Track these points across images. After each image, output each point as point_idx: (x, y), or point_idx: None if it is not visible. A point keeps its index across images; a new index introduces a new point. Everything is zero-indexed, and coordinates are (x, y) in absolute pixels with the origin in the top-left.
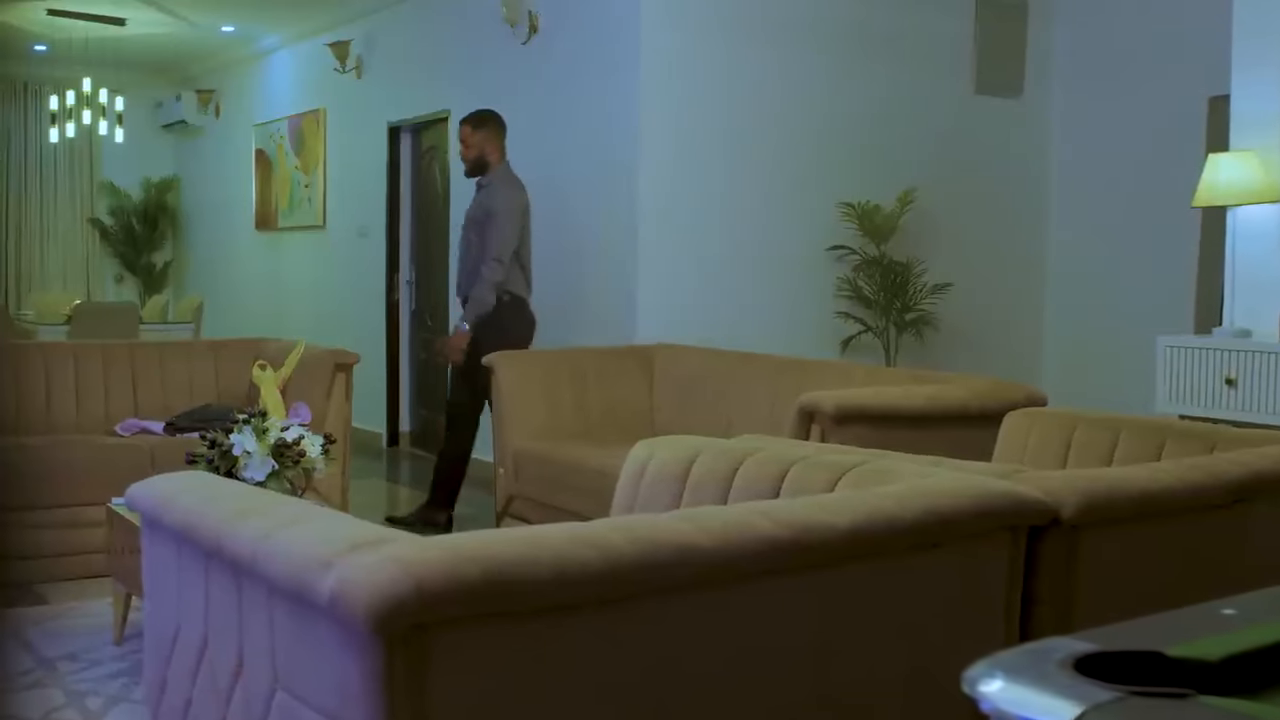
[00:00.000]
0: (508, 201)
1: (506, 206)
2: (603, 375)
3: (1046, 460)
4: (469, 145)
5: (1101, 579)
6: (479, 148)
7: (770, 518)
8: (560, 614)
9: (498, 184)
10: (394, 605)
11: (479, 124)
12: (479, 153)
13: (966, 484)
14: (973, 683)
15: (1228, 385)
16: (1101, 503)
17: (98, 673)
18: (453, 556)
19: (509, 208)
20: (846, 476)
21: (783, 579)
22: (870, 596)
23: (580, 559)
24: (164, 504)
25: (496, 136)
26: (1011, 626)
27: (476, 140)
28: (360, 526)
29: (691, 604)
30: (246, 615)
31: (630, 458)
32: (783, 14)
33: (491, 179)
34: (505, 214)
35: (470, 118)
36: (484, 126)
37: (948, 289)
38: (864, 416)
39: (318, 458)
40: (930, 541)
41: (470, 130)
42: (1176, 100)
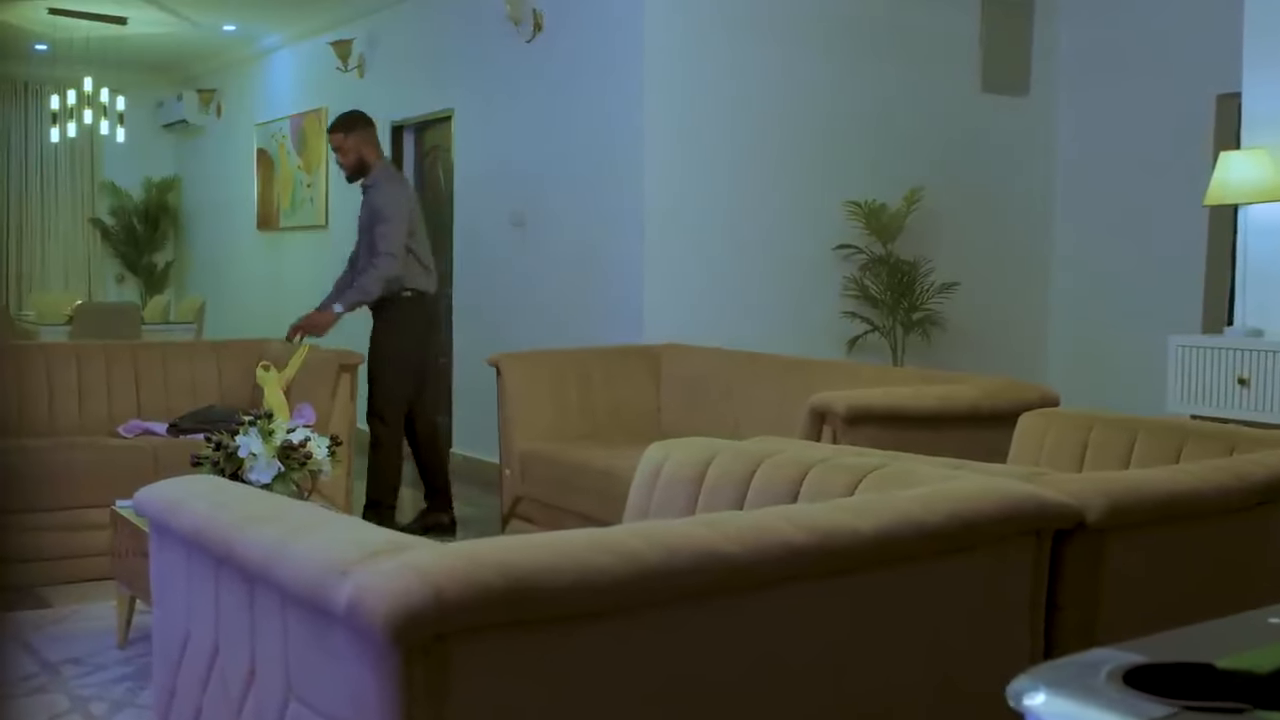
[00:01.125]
0: (393, 199)
1: (393, 203)
2: (609, 376)
3: (1063, 462)
4: (344, 151)
5: (1125, 583)
6: (355, 151)
7: (794, 522)
8: (581, 622)
9: (381, 182)
10: (413, 614)
11: (349, 128)
12: (356, 156)
13: (991, 487)
14: (1016, 696)
15: (1240, 385)
16: (1127, 505)
17: (102, 677)
18: (472, 564)
19: (395, 204)
20: (867, 479)
21: (806, 585)
22: (894, 602)
23: (601, 565)
24: (172, 509)
25: (370, 137)
26: (1036, 632)
27: (351, 144)
28: (376, 533)
29: (714, 611)
30: (259, 623)
31: (644, 459)
32: (788, 12)
33: (374, 179)
34: (392, 211)
35: (339, 123)
36: (355, 129)
37: (955, 288)
38: (876, 417)
39: (324, 460)
40: (955, 546)
41: (343, 136)
42: (1183, 98)
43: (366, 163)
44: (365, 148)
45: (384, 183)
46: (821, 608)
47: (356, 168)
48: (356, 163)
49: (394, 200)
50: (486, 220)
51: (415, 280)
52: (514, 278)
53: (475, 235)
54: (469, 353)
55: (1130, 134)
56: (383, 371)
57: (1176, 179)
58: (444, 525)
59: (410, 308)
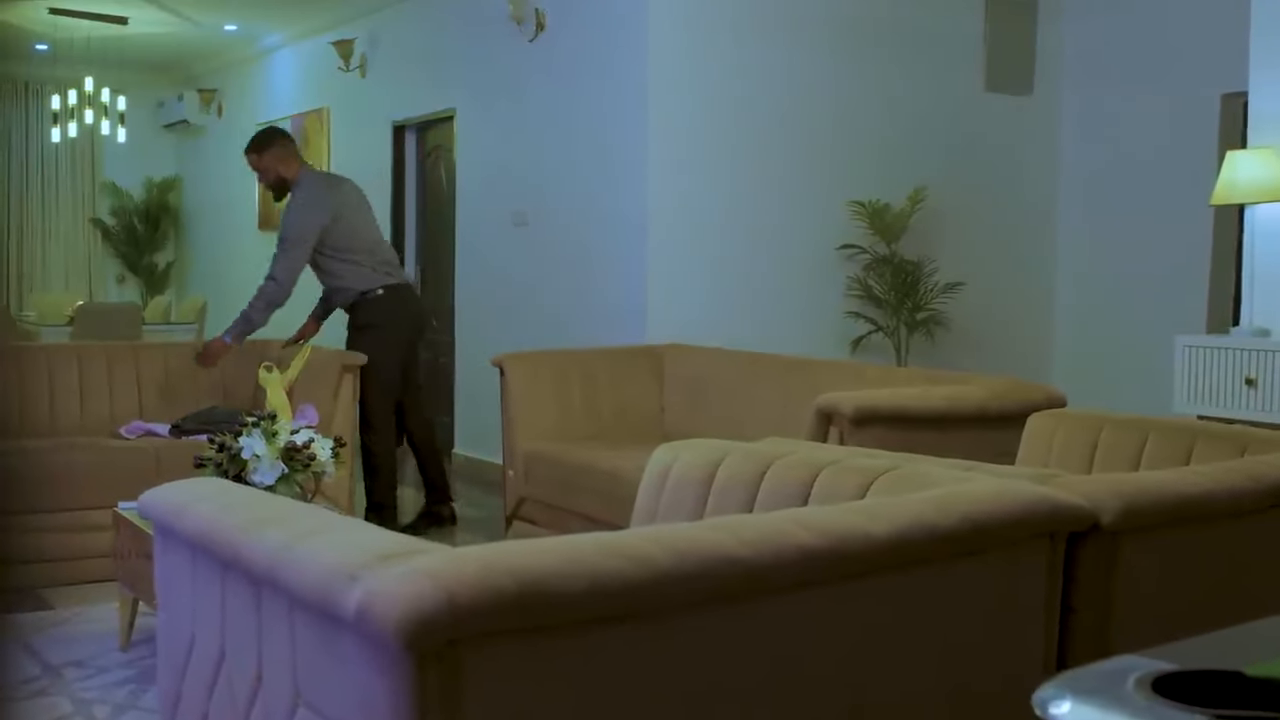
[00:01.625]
0: (300, 219)
1: (298, 225)
2: (612, 376)
3: (1073, 463)
4: (262, 171)
5: (1139, 586)
6: (272, 170)
7: (807, 526)
8: (594, 627)
9: (291, 205)
10: (425, 620)
11: (260, 148)
12: (275, 175)
13: (1005, 490)
14: (1042, 705)
15: (1248, 385)
16: (1141, 507)
17: (104, 680)
18: (485, 568)
19: (300, 226)
20: (879, 481)
21: (820, 589)
22: (907, 606)
23: (614, 570)
24: (178, 512)
25: (285, 152)
26: (1050, 636)
27: (266, 164)
28: (386, 536)
29: (727, 616)
30: (266, 628)
31: (652, 461)
32: (792, 11)
33: (294, 193)
34: (295, 233)
35: (251, 145)
36: (268, 147)
37: (959, 288)
38: (883, 418)
39: (328, 461)
40: (968, 549)
41: (256, 157)
42: (1188, 97)
43: (286, 179)
44: (281, 164)
45: (298, 199)
46: (835, 612)
47: (278, 186)
48: (276, 181)
49: (300, 220)
50: (488, 220)
51: (379, 280)
52: (516, 278)
53: (477, 235)
54: (470, 353)
55: (1135, 133)
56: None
57: (1181, 179)
58: (444, 517)
59: (382, 306)
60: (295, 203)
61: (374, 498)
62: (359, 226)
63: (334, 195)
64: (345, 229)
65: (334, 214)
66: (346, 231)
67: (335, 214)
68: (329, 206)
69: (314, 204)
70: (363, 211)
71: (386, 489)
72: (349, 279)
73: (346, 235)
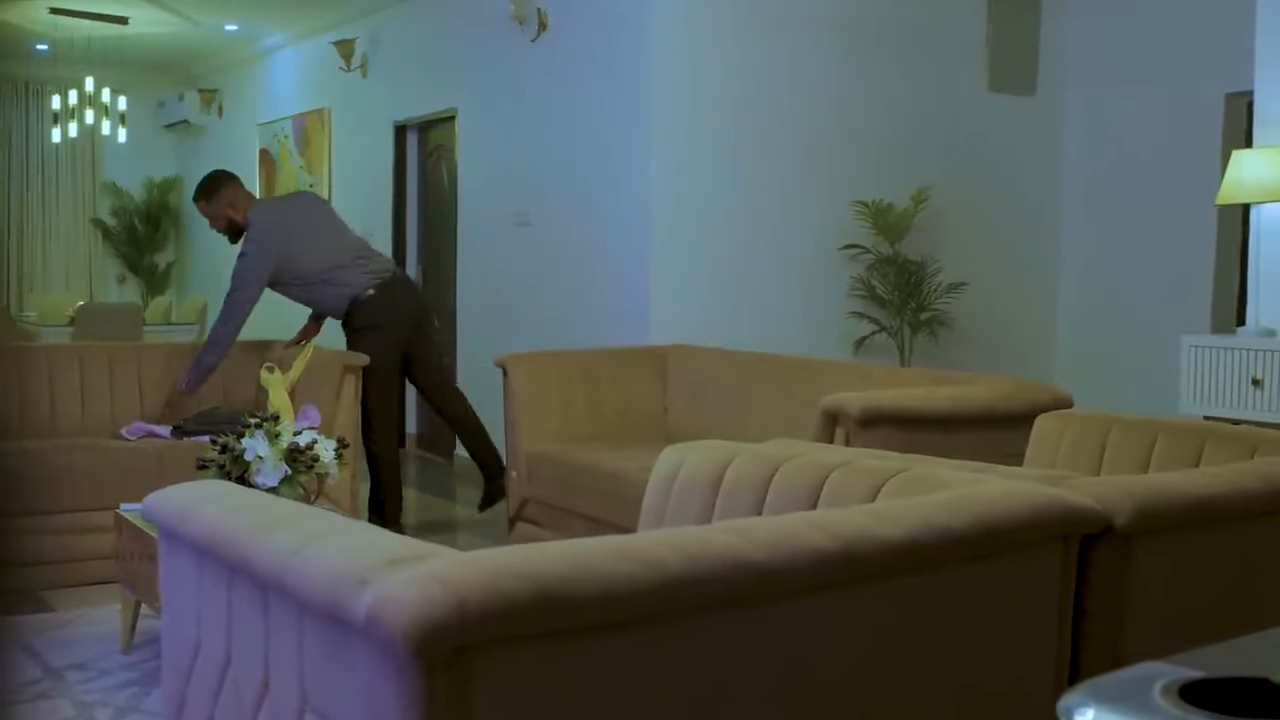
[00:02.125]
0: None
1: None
2: (615, 377)
3: (1081, 464)
4: (213, 218)
5: (1152, 589)
6: (222, 216)
7: (820, 529)
8: (605, 632)
9: (242, 250)
10: (435, 626)
11: (209, 194)
12: (225, 220)
13: (1018, 492)
14: (1066, 713)
15: (1254, 386)
16: (1154, 509)
17: (107, 682)
18: (495, 573)
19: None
20: (889, 484)
21: (833, 592)
22: (920, 609)
23: (626, 574)
24: (183, 515)
25: (232, 194)
26: (1063, 640)
27: (216, 210)
28: (396, 541)
29: (739, 619)
30: (273, 633)
31: (659, 462)
32: (794, 10)
33: (248, 235)
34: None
35: (199, 193)
36: (215, 193)
37: (962, 288)
38: (889, 418)
39: (331, 463)
40: (981, 552)
41: (206, 204)
42: (1191, 97)
43: (237, 222)
44: (230, 208)
45: (247, 240)
46: (847, 615)
47: (231, 229)
48: (228, 225)
49: (248, 265)
50: (490, 220)
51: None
52: (517, 278)
53: (479, 236)
54: (472, 353)
55: (1137, 133)
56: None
57: (1185, 178)
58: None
59: (377, 306)
60: (245, 245)
61: (375, 497)
62: (319, 246)
63: (285, 230)
64: (305, 257)
65: (283, 249)
66: (307, 259)
67: (284, 249)
68: (278, 243)
69: (263, 244)
70: (322, 226)
71: (390, 491)
72: (328, 298)
73: (307, 262)
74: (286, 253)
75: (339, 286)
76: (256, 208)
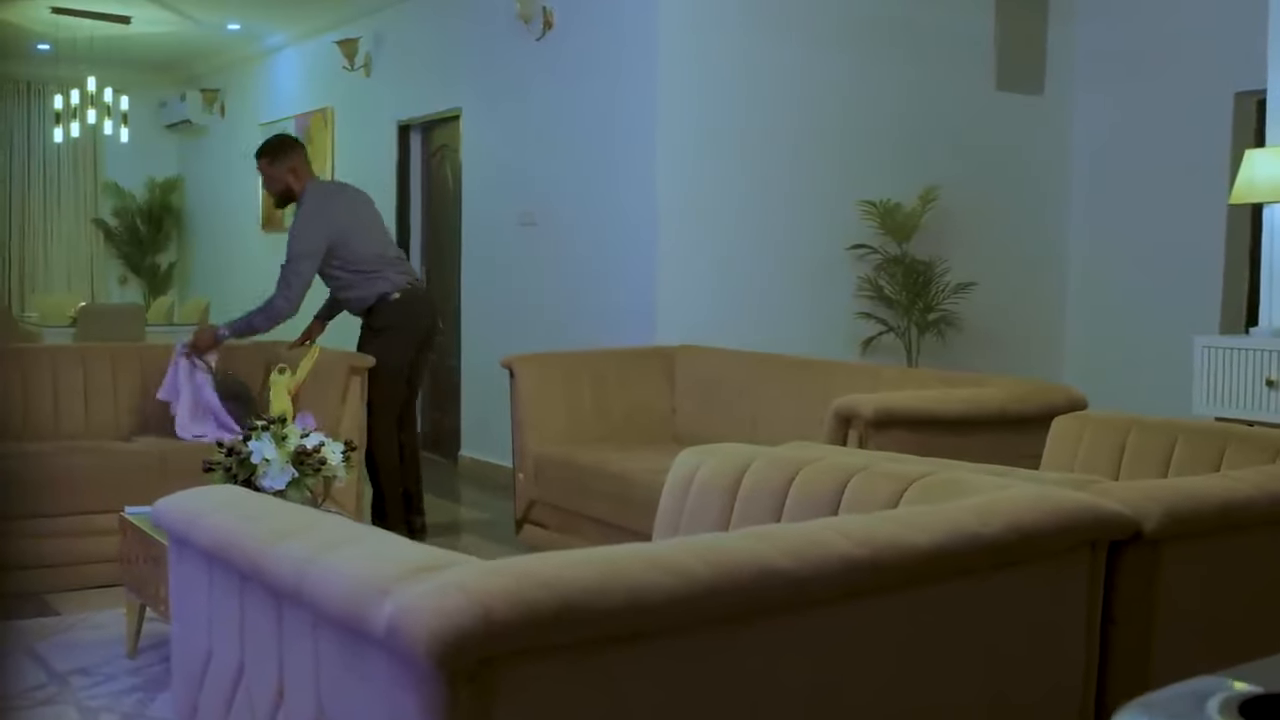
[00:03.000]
0: (307, 230)
1: (305, 237)
2: (623, 378)
3: (1099, 467)
4: (270, 179)
5: (1181, 596)
6: (281, 180)
7: (849, 536)
8: (632, 643)
9: (298, 218)
10: (460, 637)
11: (273, 155)
12: (282, 185)
13: (1046, 497)
14: None
15: (1268, 387)
16: (1184, 515)
17: (112, 687)
18: (521, 583)
19: (307, 239)
20: (912, 488)
21: (862, 601)
22: (949, 617)
23: (653, 583)
24: (194, 521)
25: (298, 161)
26: (1092, 648)
27: (277, 173)
28: (415, 549)
29: (768, 629)
30: (287, 643)
31: (676, 466)
32: (802, 10)
33: (299, 207)
34: (301, 247)
35: (263, 150)
36: (279, 156)
37: (971, 288)
38: (903, 420)
39: (339, 465)
40: (1011, 559)
41: (268, 163)
42: (1201, 95)
43: (294, 190)
44: (292, 175)
45: (306, 213)
46: (876, 624)
47: (284, 196)
48: (283, 191)
49: (307, 235)
50: (495, 220)
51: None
52: (522, 279)
53: (484, 236)
54: (477, 354)
55: (1147, 132)
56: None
57: (1194, 177)
58: (415, 529)
59: (399, 310)
60: (302, 216)
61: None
62: (368, 236)
63: (340, 208)
64: (355, 241)
65: (341, 228)
66: (356, 244)
67: (342, 228)
68: (336, 222)
69: (321, 218)
70: (370, 218)
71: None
72: (361, 289)
73: (356, 247)
74: (343, 232)
75: (376, 281)
76: (316, 183)
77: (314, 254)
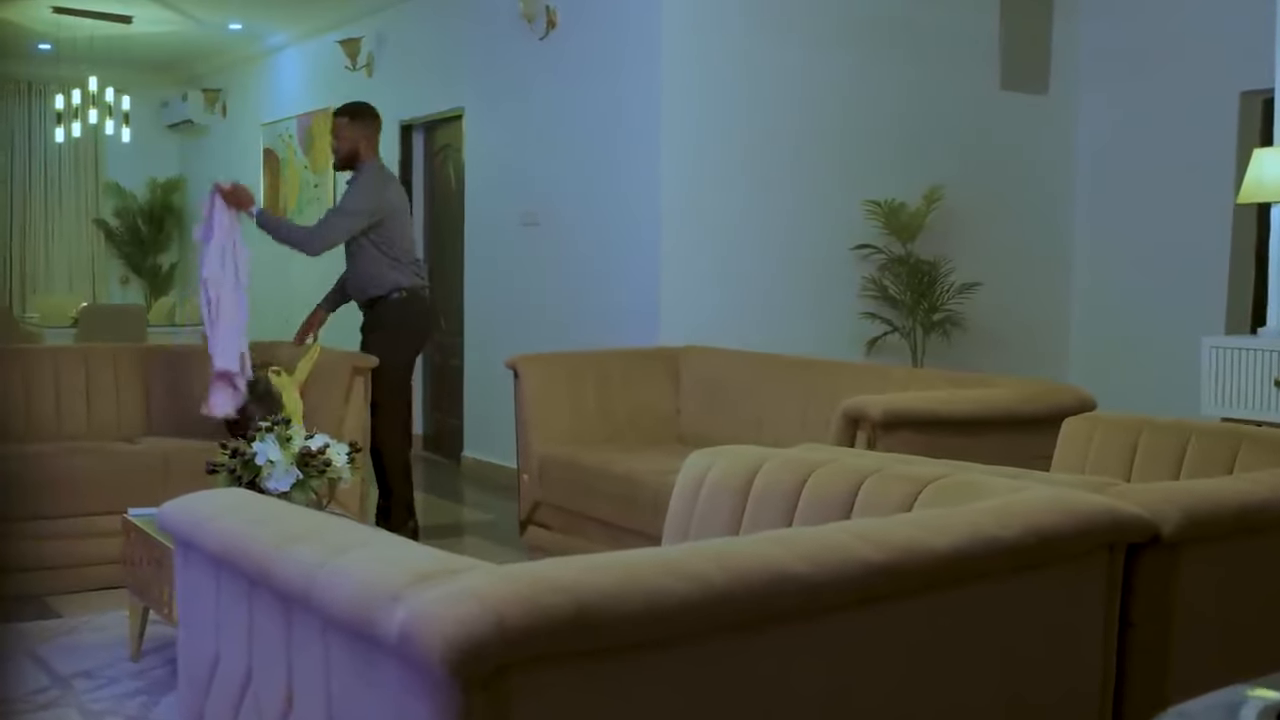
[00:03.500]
0: (359, 203)
1: (355, 208)
2: (627, 378)
3: (1110, 468)
4: (343, 138)
5: (1198, 599)
6: (353, 141)
7: (867, 540)
8: (648, 650)
9: (360, 182)
10: (474, 645)
11: (355, 116)
12: (352, 146)
13: (1064, 500)
14: None
15: (1277, 388)
16: (1202, 517)
17: (115, 691)
18: (536, 589)
19: (357, 209)
20: (927, 491)
21: (881, 606)
22: (966, 622)
23: (670, 589)
24: (201, 525)
25: (372, 132)
26: (1109, 652)
27: (351, 134)
28: (427, 554)
29: (785, 635)
30: (297, 650)
31: (686, 467)
32: (806, 10)
33: (358, 175)
34: (354, 207)
35: (347, 109)
36: (360, 120)
37: (975, 288)
38: (911, 421)
39: (344, 467)
40: (1029, 563)
41: (347, 122)
42: (1207, 94)
43: (359, 156)
44: (364, 142)
45: (361, 186)
46: (893, 629)
47: (348, 158)
48: (350, 153)
49: (361, 199)
50: (498, 220)
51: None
52: (525, 279)
53: (486, 236)
54: (479, 355)
55: (1152, 131)
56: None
57: (1199, 177)
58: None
59: (403, 309)
60: (364, 182)
61: (383, 502)
62: (405, 229)
63: (395, 192)
64: (396, 227)
65: (392, 209)
66: (395, 230)
67: (393, 209)
68: (391, 201)
69: (381, 191)
70: (407, 212)
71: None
72: (381, 271)
73: (394, 232)
74: (392, 213)
75: (396, 271)
76: (380, 162)
77: (361, 215)
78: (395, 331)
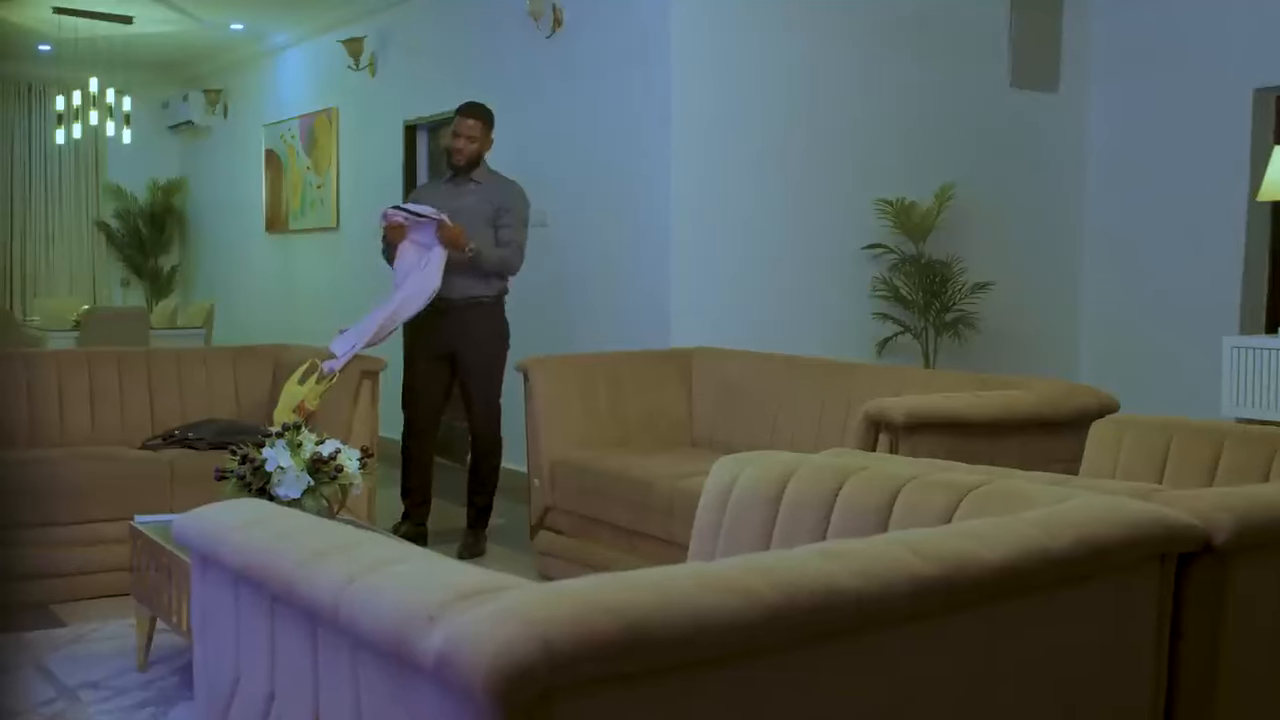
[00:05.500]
0: (526, 208)
1: (527, 214)
2: (640, 381)
3: (1141, 473)
4: (475, 140)
5: (1251, 611)
6: (482, 145)
7: (918, 552)
8: (696, 669)
9: (511, 190)
10: (520, 669)
11: (489, 123)
12: (479, 150)
13: (1114, 508)
14: None
15: None
16: (1256, 525)
17: (123, 702)
18: (582, 608)
19: (527, 215)
20: (968, 499)
21: (932, 620)
22: (1017, 636)
23: (718, 606)
24: (219, 538)
25: (491, 138)
26: (1160, 664)
27: (482, 137)
28: (464, 570)
29: (836, 651)
30: (324, 672)
31: (713, 474)
32: (816, 8)
33: (486, 175)
34: (527, 219)
35: (479, 112)
36: (491, 126)
37: (988, 288)
38: (935, 424)
39: (356, 474)
40: (1080, 574)
41: (483, 126)
42: (1219, 92)
43: (481, 159)
44: (487, 146)
45: (512, 190)
46: (945, 644)
47: (473, 159)
48: (475, 155)
49: (526, 203)
50: None
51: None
52: (534, 281)
53: None
54: None
55: (1164, 129)
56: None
57: (1212, 175)
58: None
59: (502, 307)
60: (512, 190)
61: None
62: None
63: None
64: None
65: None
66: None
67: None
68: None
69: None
70: None
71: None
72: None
73: None
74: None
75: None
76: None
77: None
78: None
